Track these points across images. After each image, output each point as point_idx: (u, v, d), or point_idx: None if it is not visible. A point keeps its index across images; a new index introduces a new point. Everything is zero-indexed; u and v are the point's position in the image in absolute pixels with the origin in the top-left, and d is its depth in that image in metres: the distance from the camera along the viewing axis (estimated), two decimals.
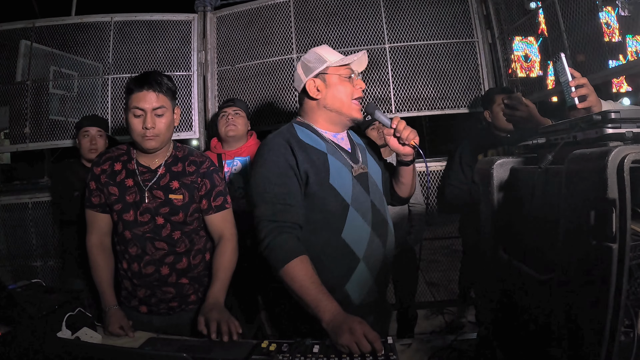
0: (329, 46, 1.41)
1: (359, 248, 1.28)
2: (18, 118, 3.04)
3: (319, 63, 1.33)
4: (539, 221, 0.80)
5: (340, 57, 1.35)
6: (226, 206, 1.53)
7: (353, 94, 1.34)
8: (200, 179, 1.49)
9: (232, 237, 1.51)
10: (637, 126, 0.71)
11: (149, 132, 1.37)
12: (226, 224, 1.52)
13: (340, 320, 1.06)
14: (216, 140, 2.35)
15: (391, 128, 1.31)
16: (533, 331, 0.79)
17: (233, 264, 1.47)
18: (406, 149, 1.32)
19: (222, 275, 1.42)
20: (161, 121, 1.39)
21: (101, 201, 1.48)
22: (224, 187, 1.55)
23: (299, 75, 1.37)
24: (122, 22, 3.14)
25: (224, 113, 2.26)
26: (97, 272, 1.47)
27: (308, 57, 1.36)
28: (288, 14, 3.10)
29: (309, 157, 1.27)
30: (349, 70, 1.36)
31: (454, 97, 2.93)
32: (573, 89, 1.16)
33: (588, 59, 2.20)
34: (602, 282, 0.58)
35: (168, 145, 1.50)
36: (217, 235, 1.52)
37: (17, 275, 2.97)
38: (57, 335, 1.18)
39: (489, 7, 2.98)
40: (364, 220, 1.30)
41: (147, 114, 1.36)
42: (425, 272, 3.69)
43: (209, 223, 1.52)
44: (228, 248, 1.48)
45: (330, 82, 1.33)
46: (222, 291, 1.39)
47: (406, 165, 1.39)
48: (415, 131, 1.30)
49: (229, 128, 2.21)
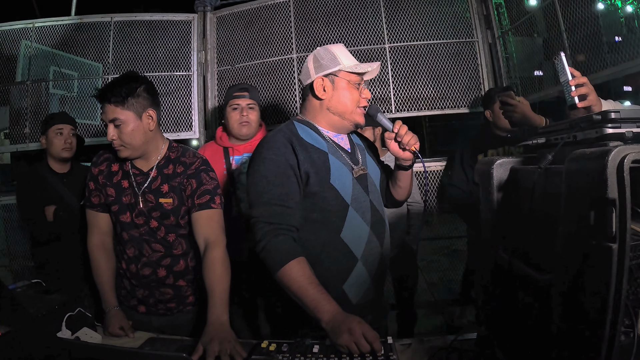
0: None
1: (357, 248, 1.28)
2: (18, 118, 3.05)
3: (332, 63, 1.30)
4: (539, 221, 0.80)
5: (354, 63, 1.32)
6: (212, 205, 1.40)
7: (359, 102, 1.33)
8: (187, 180, 1.42)
9: (218, 241, 1.36)
10: (637, 126, 0.71)
11: (113, 143, 1.37)
12: (212, 225, 1.38)
13: (340, 320, 1.06)
14: (221, 131, 2.09)
15: (392, 132, 1.30)
16: (533, 331, 0.79)
17: (227, 271, 1.33)
18: (406, 153, 1.31)
19: (219, 289, 1.27)
20: (121, 131, 1.35)
21: (101, 201, 1.48)
22: (214, 187, 1.44)
23: (308, 70, 1.34)
24: (122, 22, 3.14)
25: (237, 106, 1.98)
26: (97, 272, 1.47)
27: (322, 53, 1.33)
28: (288, 14, 3.10)
29: (310, 156, 1.26)
30: (359, 77, 1.34)
31: (454, 97, 2.93)
32: (573, 88, 1.16)
33: (588, 59, 2.20)
34: (602, 282, 0.58)
35: (159, 146, 1.46)
36: (203, 239, 1.37)
37: (17, 275, 2.97)
38: (57, 335, 1.18)
39: (489, 7, 2.98)
40: (363, 220, 1.30)
41: (107, 126, 1.36)
42: (425, 272, 3.69)
43: (193, 223, 1.40)
44: (217, 255, 1.33)
45: (338, 86, 1.31)
46: (222, 308, 1.23)
47: (405, 169, 1.38)
48: (416, 136, 1.29)
49: (243, 125, 1.97)
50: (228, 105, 2.03)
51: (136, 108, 1.36)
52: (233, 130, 2.01)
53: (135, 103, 1.36)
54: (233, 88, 2.08)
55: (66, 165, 2.21)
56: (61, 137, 2.13)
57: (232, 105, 2.01)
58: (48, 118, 2.21)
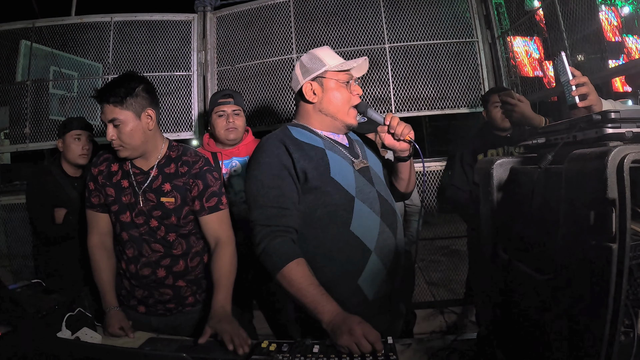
0: (330, 46, 1.40)
1: (370, 239, 1.25)
2: (18, 118, 3.05)
3: (317, 66, 1.31)
4: (539, 221, 0.80)
5: (340, 62, 1.32)
6: (221, 207, 1.46)
7: (351, 100, 1.33)
8: (192, 180, 1.44)
9: (229, 241, 1.45)
10: (637, 126, 0.71)
11: (112, 143, 1.38)
12: (222, 226, 1.46)
13: (340, 320, 1.05)
14: (209, 137, 2.12)
15: (385, 125, 1.30)
16: (533, 331, 0.79)
17: (234, 268, 1.42)
18: (402, 144, 1.31)
19: (225, 282, 1.36)
20: (120, 131, 1.36)
21: (100, 201, 1.48)
22: (219, 188, 1.48)
23: (297, 76, 1.35)
24: (122, 22, 3.14)
25: (222, 112, 2.01)
26: (97, 273, 1.46)
27: (307, 58, 1.34)
28: (288, 14, 3.10)
29: (306, 154, 1.25)
30: (347, 75, 1.33)
31: (454, 97, 2.93)
32: (573, 87, 1.16)
33: (588, 59, 2.21)
34: (602, 282, 0.58)
35: (159, 146, 1.47)
36: (213, 238, 1.45)
37: (17, 275, 2.98)
38: (57, 335, 1.18)
39: (488, 7, 2.98)
40: (372, 211, 1.28)
41: (106, 126, 1.37)
42: (425, 272, 3.70)
43: (203, 225, 1.46)
44: (227, 252, 1.42)
45: (327, 87, 1.31)
46: (227, 299, 1.33)
47: (403, 160, 1.38)
48: (409, 126, 1.29)
49: (230, 131, 2.00)
50: (213, 112, 2.04)
51: (135, 108, 1.37)
52: (220, 136, 2.02)
53: (134, 103, 1.37)
54: (217, 95, 2.09)
55: (79, 169, 2.22)
56: (79, 143, 2.13)
57: (217, 112, 2.02)
58: (67, 122, 2.20)
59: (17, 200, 3.00)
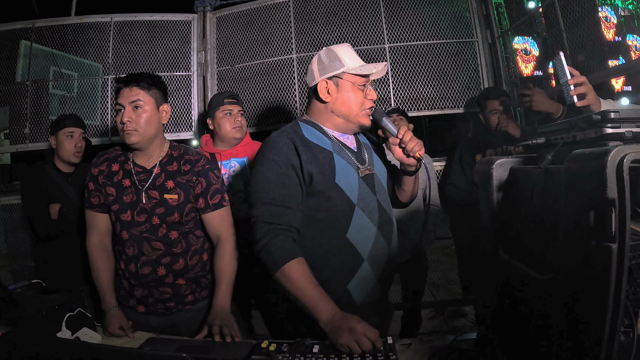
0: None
1: (364, 248, 1.27)
2: (18, 118, 3.04)
3: (336, 65, 1.28)
4: (539, 221, 0.80)
5: (359, 64, 1.30)
6: (224, 204, 1.51)
7: (364, 104, 1.31)
8: (196, 178, 1.47)
9: (230, 238, 1.49)
10: (636, 126, 0.71)
11: (126, 126, 1.38)
12: (224, 224, 1.50)
13: (339, 320, 1.06)
14: (208, 137, 2.15)
15: (397, 137, 1.27)
16: (533, 331, 0.79)
17: (235, 266, 1.46)
18: (410, 160, 1.28)
19: (225, 280, 1.42)
20: (139, 114, 1.39)
21: (100, 201, 1.49)
22: (221, 185, 1.53)
23: (312, 72, 1.32)
24: (122, 23, 3.14)
25: (229, 111, 2.05)
26: (97, 273, 1.47)
27: (325, 54, 1.31)
28: (288, 14, 3.10)
29: (314, 156, 1.25)
30: (364, 79, 1.30)
31: (454, 97, 2.93)
32: (572, 87, 1.16)
33: (587, 58, 2.21)
34: (602, 282, 0.58)
35: (162, 144, 1.50)
36: (215, 235, 1.50)
37: (17, 275, 2.97)
38: (57, 335, 1.18)
39: (488, 7, 2.98)
40: (370, 221, 1.29)
41: (124, 108, 1.39)
42: None
43: (206, 222, 1.50)
44: (227, 250, 1.47)
45: (342, 88, 1.29)
46: (227, 297, 1.40)
47: (409, 175, 1.36)
48: (421, 142, 1.26)
49: (237, 130, 2.04)
50: (219, 111, 2.06)
51: (157, 98, 1.45)
52: (226, 134, 2.05)
53: (157, 93, 1.45)
54: (222, 95, 2.13)
55: (72, 166, 2.24)
56: (72, 141, 2.15)
57: (223, 111, 2.06)
58: (60, 119, 2.22)
59: (17, 201, 2.99)
